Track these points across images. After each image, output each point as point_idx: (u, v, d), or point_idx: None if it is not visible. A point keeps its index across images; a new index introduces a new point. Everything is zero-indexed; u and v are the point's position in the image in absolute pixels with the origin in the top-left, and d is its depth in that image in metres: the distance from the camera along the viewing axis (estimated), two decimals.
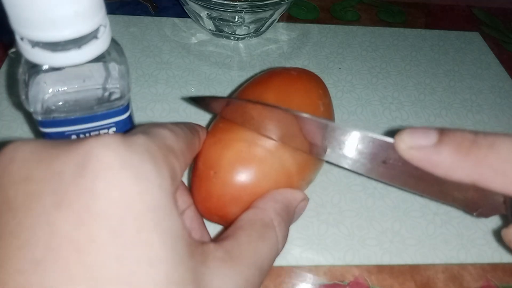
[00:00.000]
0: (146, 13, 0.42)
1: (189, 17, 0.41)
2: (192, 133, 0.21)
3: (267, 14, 0.37)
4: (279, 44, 0.40)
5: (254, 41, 0.40)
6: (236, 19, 0.37)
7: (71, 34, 0.17)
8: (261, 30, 0.39)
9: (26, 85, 0.19)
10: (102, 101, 0.20)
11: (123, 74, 0.21)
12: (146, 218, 0.14)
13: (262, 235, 0.19)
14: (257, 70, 0.37)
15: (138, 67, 0.36)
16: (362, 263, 0.25)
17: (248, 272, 0.17)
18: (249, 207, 0.22)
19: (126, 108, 0.21)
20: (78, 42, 0.18)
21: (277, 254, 0.20)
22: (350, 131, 0.19)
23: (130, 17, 0.41)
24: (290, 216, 0.21)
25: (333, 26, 0.43)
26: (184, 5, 0.39)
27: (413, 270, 0.25)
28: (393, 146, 0.18)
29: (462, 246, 0.27)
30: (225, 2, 0.34)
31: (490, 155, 0.17)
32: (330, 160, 0.21)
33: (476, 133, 0.18)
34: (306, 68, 0.28)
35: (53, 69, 0.19)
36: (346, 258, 0.25)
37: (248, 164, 0.22)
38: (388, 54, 0.40)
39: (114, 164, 0.14)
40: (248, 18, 0.37)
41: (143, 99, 0.33)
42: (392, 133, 0.21)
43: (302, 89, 0.25)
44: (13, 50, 0.34)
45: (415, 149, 0.18)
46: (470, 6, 0.49)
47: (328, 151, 0.21)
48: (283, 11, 0.39)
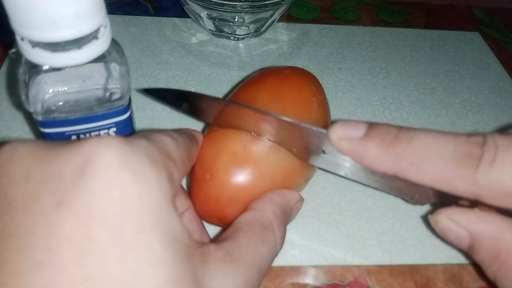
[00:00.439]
0: (146, 13, 0.42)
1: (189, 17, 0.41)
2: (191, 141, 0.21)
3: (267, 14, 0.37)
4: (279, 44, 0.40)
5: (254, 41, 0.40)
6: (236, 19, 0.37)
7: (72, 34, 0.17)
8: (261, 30, 0.39)
9: (26, 85, 0.19)
10: (102, 101, 0.20)
11: (123, 74, 0.21)
12: (146, 219, 0.14)
13: (261, 237, 0.19)
14: (257, 70, 0.37)
15: (138, 67, 0.36)
16: (362, 263, 0.25)
17: (247, 273, 0.17)
18: (247, 208, 0.22)
19: (126, 108, 0.21)
20: (78, 43, 0.18)
21: (275, 255, 0.20)
22: (298, 125, 0.21)
23: (130, 17, 0.41)
24: (287, 217, 0.21)
25: (333, 26, 0.43)
26: (184, 5, 0.39)
27: (413, 270, 0.25)
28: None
29: None
30: (225, 2, 0.34)
31: (407, 149, 0.18)
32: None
33: (400, 128, 0.19)
34: (306, 68, 0.28)
35: (53, 69, 0.19)
36: (346, 258, 0.25)
37: (244, 165, 0.22)
38: (388, 54, 0.41)
39: (114, 164, 0.14)
40: (248, 18, 0.37)
41: (143, 99, 0.33)
42: None
43: (295, 87, 0.25)
44: (13, 50, 0.34)
45: (345, 140, 0.19)
46: (470, 6, 0.49)
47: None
48: (283, 11, 0.39)
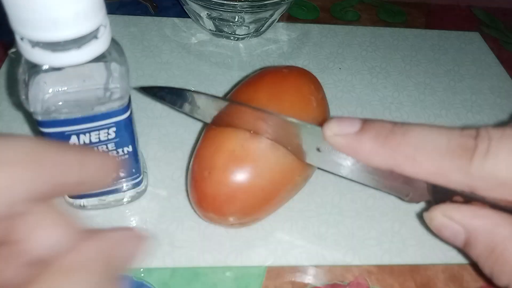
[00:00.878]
0: (146, 13, 0.42)
1: (189, 17, 0.41)
2: (82, 173, 0.15)
3: (267, 14, 0.37)
4: (279, 44, 0.40)
5: (254, 41, 0.40)
6: (236, 19, 0.37)
7: (71, 34, 0.17)
8: (261, 30, 0.39)
9: (26, 85, 0.19)
10: (102, 101, 0.20)
11: (123, 74, 0.21)
12: None
13: None
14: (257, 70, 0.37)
15: (138, 67, 0.36)
16: (362, 263, 0.25)
17: None
18: (245, 207, 0.22)
19: (126, 108, 0.21)
20: (78, 42, 0.18)
21: None
22: (291, 122, 0.21)
23: (130, 17, 0.41)
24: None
25: (333, 26, 0.43)
26: (184, 5, 0.39)
27: (413, 270, 0.25)
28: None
29: None
30: (225, 2, 0.34)
31: (402, 143, 0.18)
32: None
33: (394, 123, 0.19)
34: (306, 68, 0.28)
35: (53, 69, 0.19)
36: (346, 258, 0.25)
37: (241, 163, 0.22)
38: (388, 54, 0.40)
39: None
40: (248, 18, 0.37)
41: (143, 99, 0.33)
42: None
43: (293, 85, 0.25)
44: (13, 50, 0.34)
45: (340, 136, 0.19)
46: (470, 6, 0.49)
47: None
48: (283, 11, 0.39)
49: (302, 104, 0.24)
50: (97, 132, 0.21)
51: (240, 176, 0.22)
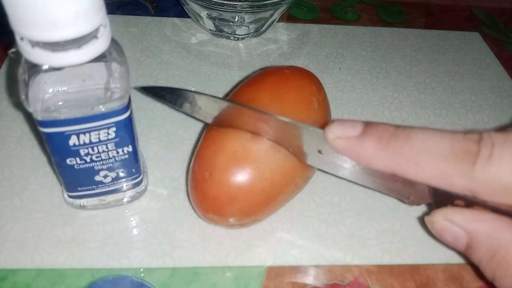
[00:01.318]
0: (146, 13, 0.42)
1: (189, 17, 0.41)
2: None
3: (267, 14, 0.37)
4: (279, 44, 0.40)
5: (254, 41, 0.40)
6: (236, 19, 0.37)
7: (71, 34, 0.17)
8: (261, 30, 0.39)
9: (26, 85, 0.19)
10: (102, 101, 0.20)
11: (123, 74, 0.21)
12: None
13: None
14: (257, 70, 0.37)
15: (138, 67, 0.36)
16: (362, 263, 0.25)
17: None
18: (245, 208, 0.22)
19: (126, 108, 0.21)
20: (78, 42, 0.18)
21: None
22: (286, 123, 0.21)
23: (130, 17, 0.41)
24: None
25: (333, 26, 0.43)
26: (184, 5, 0.39)
27: (413, 270, 0.25)
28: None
29: None
30: (225, 2, 0.34)
31: (405, 146, 0.18)
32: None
33: (397, 126, 0.19)
34: (306, 68, 0.28)
35: (53, 69, 0.19)
36: (346, 258, 0.25)
37: (242, 164, 0.22)
38: (388, 54, 0.40)
39: None
40: (248, 18, 0.37)
41: (143, 99, 0.33)
42: None
43: (295, 86, 0.25)
44: (13, 50, 0.34)
45: (341, 139, 0.19)
46: (470, 6, 0.49)
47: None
48: (283, 11, 0.39)
49: (303, 105, 0.24)
50: (97, 132, 0.21)
51: (241, 177, 0.22)
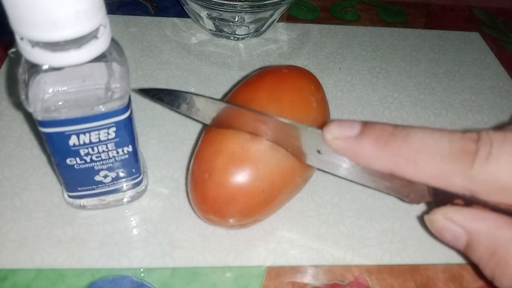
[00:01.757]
0: (146, 13, 0.42)
1: (189, 17, 0.41)
2: None
3: (267, 14, 0.37)
4: (279, 44, 0.40)
5: (254, 41, 0.40)
6: (236, 19, 0.37)
7: (71, 34, 0.17)
8: (261, 30, 0.39)
9: (26, 85, 0.19)
10: (102, 101, 0.20)
11: (123, 74, 0.21)
12: None
13: None
14: (257, 70, 0.37)
15: (138, 67, 0.36)
16: (362, 263, 0.25)
17: None
18: (245, 208, 0.22)
19: (126, 108, 0.21)
20: (78, 42, 0.18)
21: None
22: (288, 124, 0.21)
23: (130, 17, 0.41)
24: None
25: (333, 26, 0.43)
26: (184, 5, 0.39)
27: (413, 270, 0.25)
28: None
29: None
30: (225, 2, 0.34)
31: (403, 146, 0.18)
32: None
33: (395, 126, 0.19)
34: (306, 68, 0.28)
35: (53, 69, 0.19)
36: (346, 258, 0.25)
37: (242, 165, 0.22)
38: (388, 54, 0.40)
39: None
40: (248, 18, 0.37)
41: (143, 99, 0.33)
42: None
43: (293, 86, 0.25)
44: (13, 50, 0.34)
45: (340, 139, 0.19)
46: (470, 6, 0.49)
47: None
48: (283, 11, 0.39)
49: (302, 104, 0.24)
50: (97, 132, 0.21)
51: (240, 178, 0.22)
